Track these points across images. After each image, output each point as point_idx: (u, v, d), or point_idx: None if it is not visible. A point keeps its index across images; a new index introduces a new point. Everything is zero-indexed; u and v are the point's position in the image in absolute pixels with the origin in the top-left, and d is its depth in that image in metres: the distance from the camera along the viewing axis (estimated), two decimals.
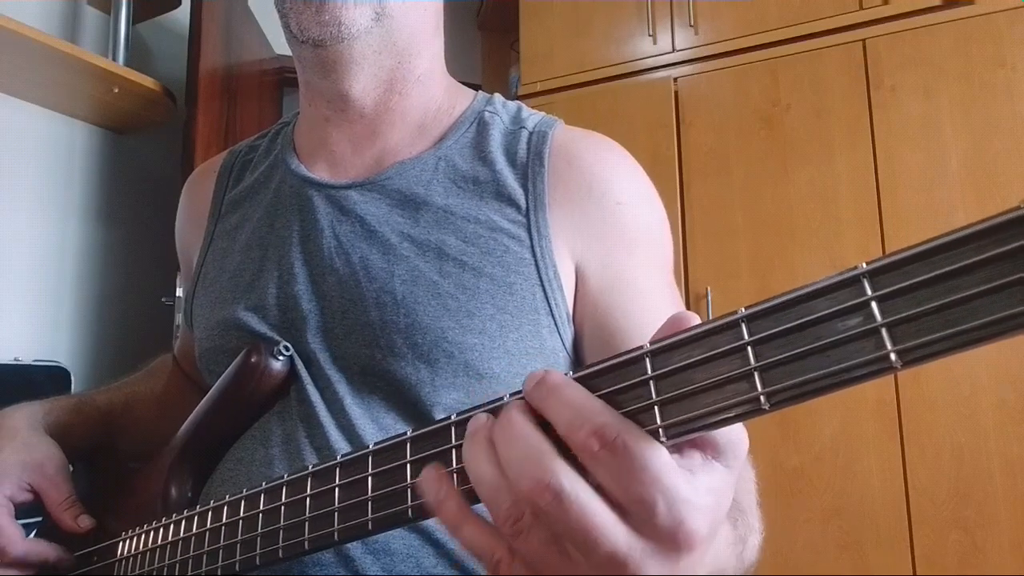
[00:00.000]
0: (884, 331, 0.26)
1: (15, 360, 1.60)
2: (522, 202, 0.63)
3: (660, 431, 0.31)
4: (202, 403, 0.65)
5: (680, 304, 0.66)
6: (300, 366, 0.62)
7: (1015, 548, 1.44)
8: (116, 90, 1.72)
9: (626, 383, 0.32)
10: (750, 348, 0.29)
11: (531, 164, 0.65)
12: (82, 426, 0.74)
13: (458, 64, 0.75)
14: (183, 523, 0.56)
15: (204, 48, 1.77)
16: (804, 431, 1.63)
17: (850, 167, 1.68)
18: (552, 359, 0.62)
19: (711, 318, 0.31)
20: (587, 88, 2.03)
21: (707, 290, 1.76)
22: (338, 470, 0.44)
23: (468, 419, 0.37)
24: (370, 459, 0.42)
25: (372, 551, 0.56)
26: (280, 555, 0.47)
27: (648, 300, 0.62)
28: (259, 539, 0.48)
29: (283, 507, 0.47)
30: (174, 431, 0.66)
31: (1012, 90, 1.57)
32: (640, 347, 0.33)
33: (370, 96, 0.67)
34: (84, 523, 0.67)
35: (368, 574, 0.55)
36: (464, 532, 0.34)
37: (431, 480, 0.36)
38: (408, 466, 0.40)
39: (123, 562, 0.62)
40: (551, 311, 0.61)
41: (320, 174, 0.70)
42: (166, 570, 0.56)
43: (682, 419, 0.31)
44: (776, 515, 1.61)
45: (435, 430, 0.39)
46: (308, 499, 0.45)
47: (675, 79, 1.92)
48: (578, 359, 0.64)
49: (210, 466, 0.65)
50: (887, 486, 1.55)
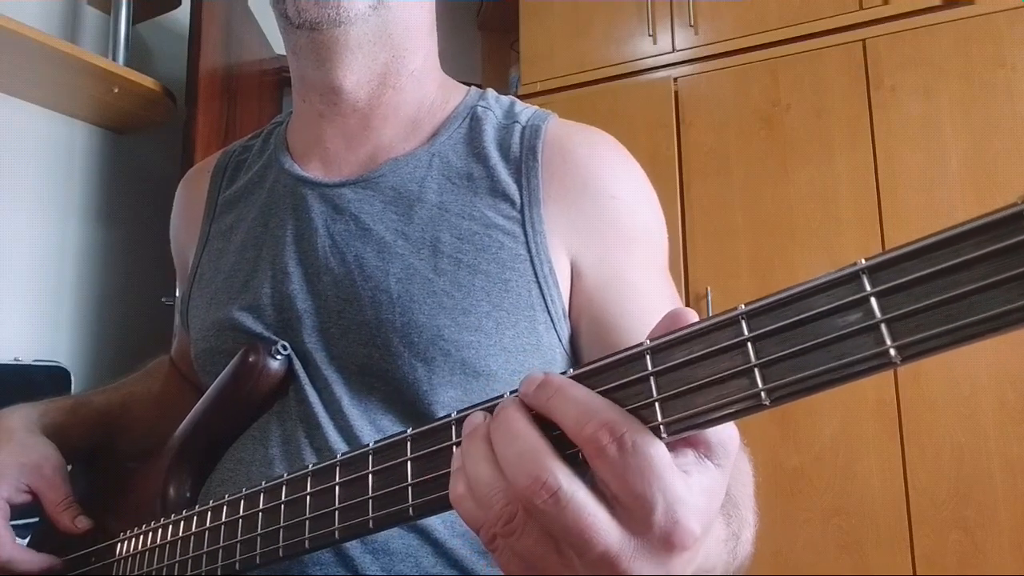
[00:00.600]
0: (883, 327, 0.26)
1: (15, 360, 1.60)
2: (516, 198, 0.63)
3: (661, 428, 0.31)
4: (200, 403, 0.65)
5: (676, 298, 0.66)
6: (298, 365, 0.62)
7: (1015, 548, 1.44)
8: (116, 90, 1.72)
9: (627, 380, 0.33)
10: (750, 344, 0.29)
11: (524, 159, 0.65)
12: (79, 427, 0.74)
13: (458, 64, 0.75)
14: (182, 523, 0.56)
15: (204, 48, 1.77)
16: (804, 431, 1.63)
17: (850, 167, 1.68)
18: (549, 355, 0.62)
19: (712, 315, 0.31)
20: (587, 88, 2.03)
21: (707, 290, 1.76)
22: (338, 469, 0.44)
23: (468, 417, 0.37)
24: (371, 457, 0.42)
25: (371, 550, 0.56)
26: (280, 554, 0.47)
27: (644, 295, 0.61)
28: (259, 539, 0.48)
29: (283, 506, 0.47)
30: (172, 432, 0.66)
31: (1012, 90, 1.57)
32: (640, 344, 0.33)
33: (364, 89, 0.67)
34: (82, 524, 0.66)
35: (367, 573, 0.55)
36: (464, 505, 0.34)
37: (458, 454, 0.36)
38: (409, 464, 0.40)
39: (122, 562, 0.62)
40: (547, 307, 0.61)
41: (314, 173, 0.70)
42: (165, 570, 0.56)
43: (683, 416, 0.31)
44: (776, 515, 1.61)
45: (435, 428, 0.39)
46: (308, 498, 0.45)
47: (675, 79, 1.92)
48: (575, 355, 0.64)
49: (209, 466, 0.65)
50: (887, 486, 1.55)
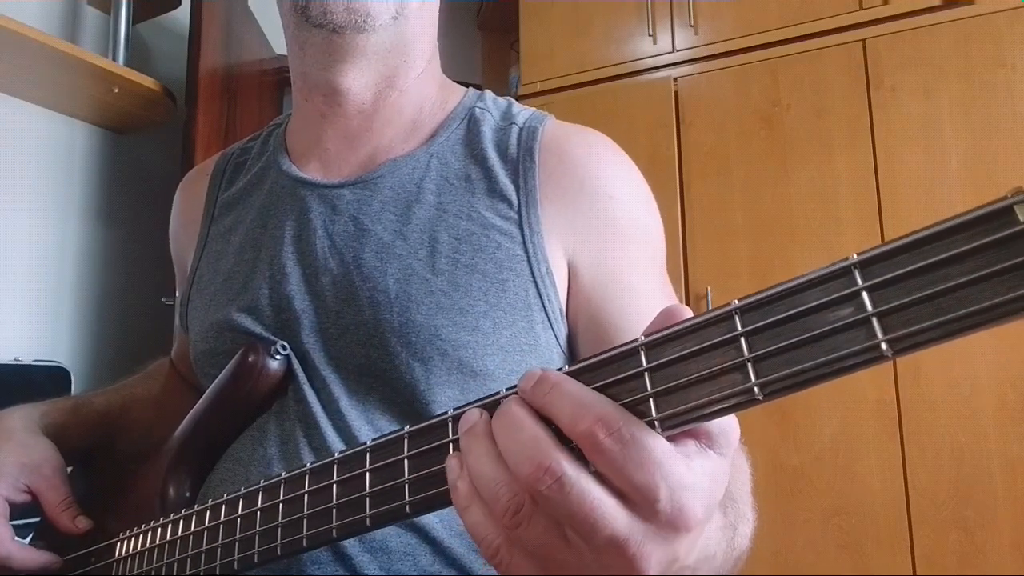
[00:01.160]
0: (875, 320, 0.27)
1: (15, 360, 1.61)
2: (514, 198, 0.63)
3: (656, 423, 0.31)
4: (200, 403, 0.65)
5: (673, 298, 0.66)
6: (296, 366, 0.62)
7: (1015, 548, 1.44)
8: (116, 90, 1.72)
9: (621, 376, 0.33)
10: (743, 339, 0.30)
11: (522, 160, 0.65)
12: (79, 427, 0.74)
13: (458, 64, 0.75)
14: (180, 522, 0.56)
15: (204, 48, 1.77)
16: (804, 431, 1.63)
17: (850, 167, 1.68)
18: (546, 355, 0.62)
19: (706, 310, 0.31)
20: (587, 88, 2.03)
21: (707, 290, 1.76)
22: (335, 467, 0.44)
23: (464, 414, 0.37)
24: (368, 455, 0.42)
25: (369, 549, 0.56)
26: (279, 552, 0.47)
27: (642, 295, 0.62)
28: (257, 537, 0.48)
29: (281, 504, 0.47)
30: (171, 432, 0.66)
31: (1012, 90, 1.57)
32: (635, 340, 0.33)
33: (370, 91, 0.68)
34: (81, 524, 0.67)
35: (366, 573, 0.55)
36: (471, 516, 0.35)
37: (453, 462, 0.36)
38: (405, 462, 0.40)
39: (121, 562, 0.62)
40: (544, 307, 0.61)
41: (312, 174, 0.70)
42: (164, 569, 0.56)
43: (677, 411, 0.31)
44: (776, 515, 1.61)
45: (431, 426, 0.39)
46: (306, 496, 0.45)
47: (675, 79, 1.92)
48: (572, 355, 0.64)
49: (208, 466, 0.65)
50: (887, 486, 1.55)
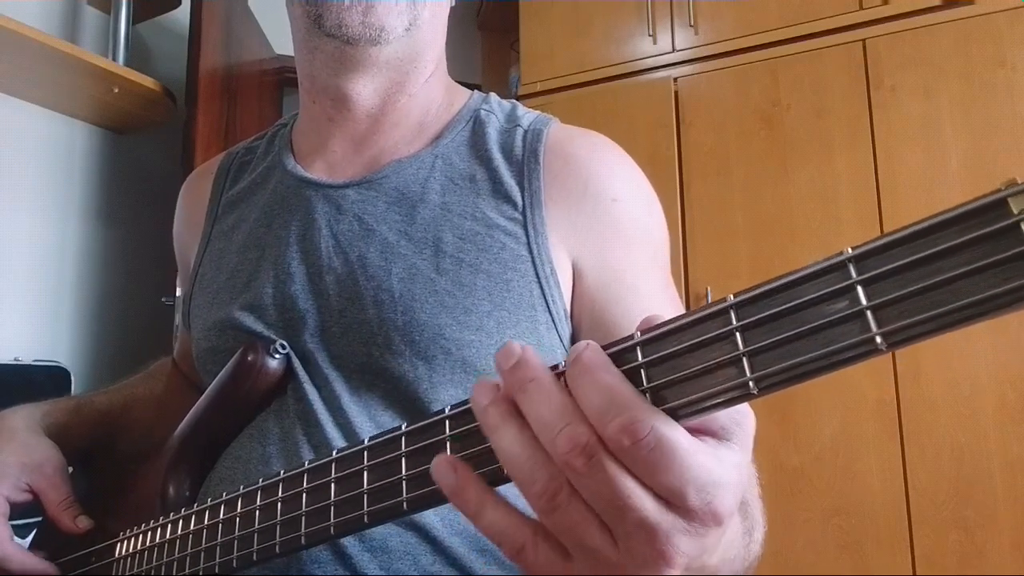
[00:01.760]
0: (869, 314, 0.27)
1: (15, 360, 1.61)
2: (518, 199, 0.64)
3: None
4: (199, 402, 0.65)
5: (677, 300, 0.66)
6: (297, 364, 0.62)
7: (1015, 548, 1.44)
8: (116, 90, 1.72)
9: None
10: (738, 334, 0.30)
11: (526, 161, 0.65)
12: (81, 427, 0.74)
13: (458, 64, 0.75)
14: (180, 521, 0.56)
15: (204, 48, 1.77)
16: (804, 431, 1.63)
17: (850, 167, 1.68)
18: (550, 355, 0.62)
19: (702, 305, 0.31)
20: (587, 88, 2.03)
21: (707, 290, 1.76)
22: (334, 465, 0.44)
23: (462, 412, 0.37)
24: (365, 453, 0.42)
25: (369, 549, 0.56)
26: (277, 550, 0.47)
27: (645, 296, 0.62)
28: (256, 535, 0.48)
29: (279, 503, 0.47)
30: (172, 432, 0.66)
31: (1012, 90, 1.57)
32: (630, 336, 0.33)
33: (379, 97, 0.68)
34: (82, 523, 0.67)
35: (366, 572, 0.55)
36: (486, 518, 0.34)
37: (444, 467, 0.35)
38: (403, 459, 0.40)
39: (121, 562, 0.62)
40: (548, 307, 0.61)
41: (318, 174, 0.70)
42: (164, 568, 0.56)
43: (674, 406, 0.31)
44: (776, 515, 1.61)
45: (430, 424, 0.39)
46: (304, 494, 0.45)
47: (675, 79, 1.92)
48: None
49: (208, 464, 0.65)
50: (887, 486, 1.55)
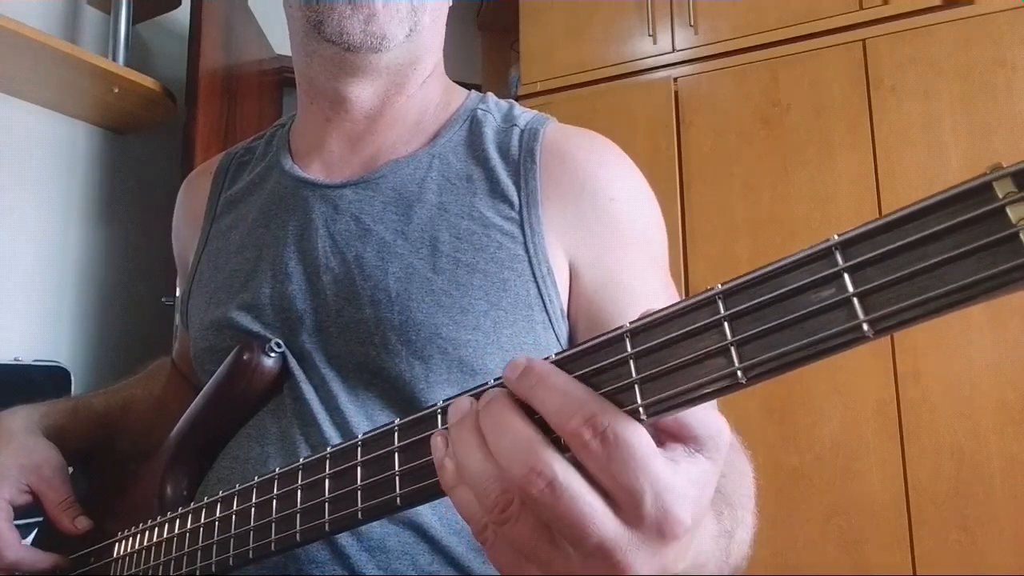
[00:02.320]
0: (855, 300, 0.27)
1: (15, 360, 1.61)
2: (515, 199, 0.64)
3: (640, 410, 0.31)
4: (196, 402, 0.65)
5: (675, 299, 0.66)
6: (294, 364, 0.62)
7: (1015, 548, 1.44)
8: (116, 90, 1.72)
9: (606, 363, 0.33)
10: (726, 323, 0.30)
11: (523, 161, 0.65)
12: (79, 428, 0.74)
13: (458, 64, 0.75)
14: (176, 521, 0.57)
15: (204, 48, 1.77)
16: (804, 431, 1.63)
17: (850, 167, 1.68)
18: (546, 355, 0.62)
19: (690, 295, 0.31)
20: (587, 88, 2.02)
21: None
22: (328, 461, 0.44)
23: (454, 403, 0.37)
24: (359, 449, 0.42)
25: (368, 548, 0.56)
26: (272, 548, 0.47)
27: (642, 296, 0.62)
28: (251, 533, 0.48)
29: (275, 500, 0.47)
30: (171, 432, 0.66)
31: (1012, 90, 1.57)
32: (620, 327, 0.33)
33: (377, 99, 0.69)
34: (82, 524, 0.67)
35: (364, 572, 0.55)
36: (459, 493, 0.34)
37: (439, 442, 0.36)
38: (396, 454, 0.40)
39: (119, 562, 0.62)
40: (545, 307, 0.61)
41: (315, 174, 0.70)
42: (161, 568, 0.56)
43: (662, 397, 0.31)
44: (776, 515, 1.60)
45: (421, 417, 0.40)
46: (299, 491, 0.46)
47: (675, 79, 1.91)
48: None
49: (206, 464, 0.65)
50: (887, 486, 1.55)
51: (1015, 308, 1.48)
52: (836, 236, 0.27)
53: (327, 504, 0.43)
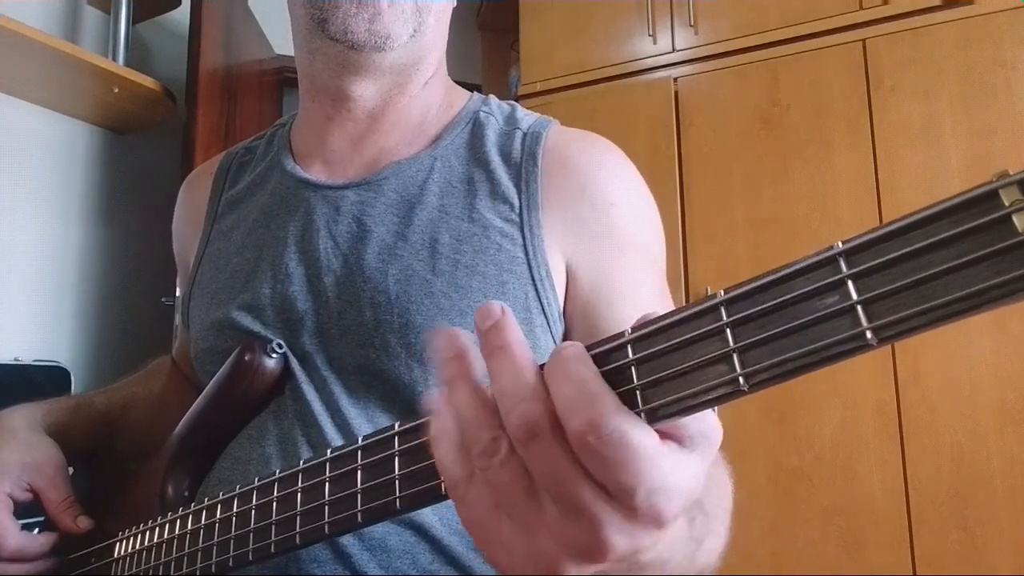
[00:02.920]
0: (859, 308, 0.26)
1: (15, 360, 1.61)
2: (515, 201, 0.64)
3: (642, 415, 0.31)
4: (197, 402, 0.65)
5: (671, 305, 0.66)
6: (295, 364, 0.62)
7: (1015, 548, 1.44)
8: (116, 90, 1.72)
9: (608, 367, 0.32)
10: (728, 330, 0.29)
11: (525, 164, 0.65)
12: (81, 427, 0.74)
13: (458, 64, 0.75)
14: (177, 521, 0.57)
15: (204, 48, 1.77)
16: (804, 431, 1.63)
17: (850, 167, 1.68)
18: (544, 357, 0.62)
19: (692, 302, 0.31)
20: (587, 88, 2.02)
21: (707, 290, 1.76)
22: (328, 465, 0.44)
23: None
24: (359, 453, 0.42)
25: (369, 548, 0.56)
26: (272, 550, 0.47)
27: (637, 300, 0.62)
28: (252, 535, 0.48)
29: (275, 502, 0.47)
30: (171, 432, 0.66)
31: (1012, 90, 1.57)
32: (621, 333, 0.33)
33: (380, 98, 0.69)
34: (82, 523, 0.67)
35: (365, 571, 0.55)
36: (441, 444, 0.34)
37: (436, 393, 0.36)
38: (396, 458, 0.40)
39: (119, 562, 0.62)
40: (543, 309, 0.61)
41: (316, 175, 0.70)
42: (161, 569, 0.56)
43: (662, 403, 0.31)
44: (776, 515, 1.61)
45: (423, 423, 0.39)
46: (299, 493, 0.46)
47: (675, 79, 1.91)
48: None
49: (207, 465, 0.65)
50: (887, 486, 1.55)
51: (1015, 308, 1.47)
52: (840, 244, 0.27)
53: (327, 507, 0.43)
